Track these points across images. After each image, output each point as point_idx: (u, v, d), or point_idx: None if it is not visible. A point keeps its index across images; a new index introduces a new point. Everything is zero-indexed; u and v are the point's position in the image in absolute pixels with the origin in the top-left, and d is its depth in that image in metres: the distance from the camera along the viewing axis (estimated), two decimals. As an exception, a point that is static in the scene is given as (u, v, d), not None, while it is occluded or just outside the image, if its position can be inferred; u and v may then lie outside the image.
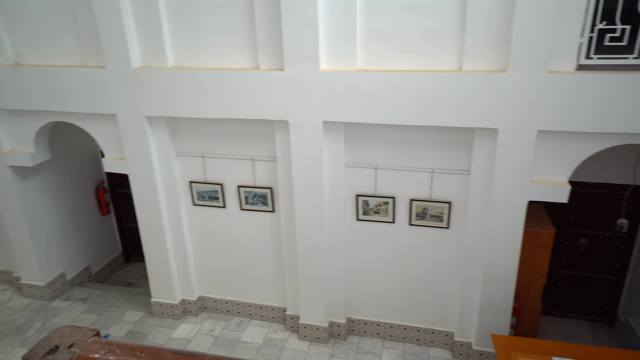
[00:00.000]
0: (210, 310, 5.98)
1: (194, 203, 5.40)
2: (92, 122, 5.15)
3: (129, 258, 7.71)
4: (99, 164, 6.94)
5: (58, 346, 0.71)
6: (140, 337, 5.60)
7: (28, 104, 5.14)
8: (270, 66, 4.43)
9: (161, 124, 4.98)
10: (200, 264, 5.76)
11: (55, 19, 4.85)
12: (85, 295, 6.46)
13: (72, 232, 6.64)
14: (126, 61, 4.62)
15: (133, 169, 5.18)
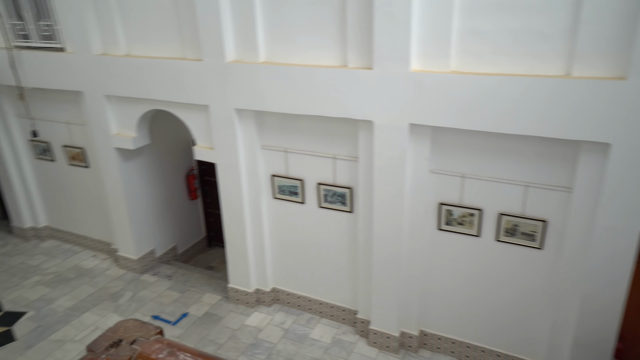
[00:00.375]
0: (282, 302, 6.09)
1: (274, 196, 5.51)
2: (187, 111, 5.46)
3: (211, 243, 8.12)
4: (191, 152, 7.38)
5: (121, 340, 0.69)
6: (215, 319, 5.86)
7: (134, 91, 5.58)
8: (358, 64, 4.35)
9: (249, 117, 5.13)
10: (276, 256, 5.88)
11: (162, 14, 5.20)
12: (170, 273, 6.91)
13: (164, 213, 7.14)
14: (221, 55, 4.81)
15: (220, 159, 5.41)
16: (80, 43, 5.66)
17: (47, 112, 6.73)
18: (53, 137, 6.91)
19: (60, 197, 7.44)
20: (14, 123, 7.10)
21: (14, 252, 7.53)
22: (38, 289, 6.55)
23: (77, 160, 6.87)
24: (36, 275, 6.90)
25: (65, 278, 6.81)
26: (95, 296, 6.38)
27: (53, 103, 6.61)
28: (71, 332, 5.69)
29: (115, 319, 5.89)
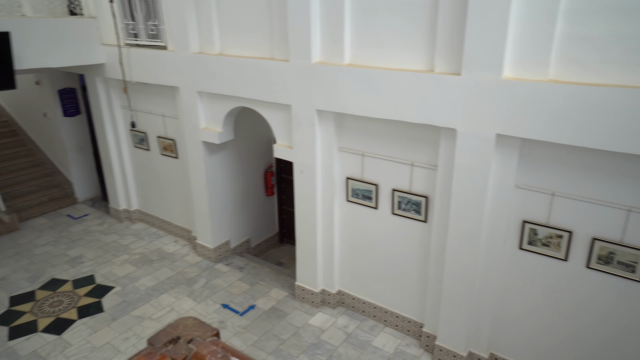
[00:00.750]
0: (347, 306, 6.04)
1: (347, 199, 5.48)
2: (270, 110, 5.61)
3: (282, 239, 8.30)
4: (271, 149, 7.59)
5: (179, 337, 0.68)
6: (280, 315, 5.97)
7: (223, 88, 5.86)
8: (445, 70, 4.17)
9: (329, 119, 5.15)
10: (344, 258, 5.84)
11: (255, 16, 5.40)
12: (242, 265, 7.17)
13: (240, 206, 7.43)
14: (307, 56, 4.88)
15: (298, 158, 5.49)
16: (180, 42, 6.06)
17: (146, 105, 7.30)
18: (149, 128, 7.48)
19: (151, 184, 8.04)
20: (119, 113, 7.80)
21: (108, 231, 8.28)
22: (125, 267, 7.13)
23: (168, 150, 7.38)
24: (125, 254, 7.51)
25: (149, 259, 7.34)
26: (173, 279, 6.80)
27: (152, 97, 7.16)
28: (150, 310, 6.11)
29: (189, 303, 6.24)
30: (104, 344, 5.50)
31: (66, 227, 8.43)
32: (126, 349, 5.40)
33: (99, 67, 7.31)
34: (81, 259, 7.34)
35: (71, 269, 7.07)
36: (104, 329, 5.76)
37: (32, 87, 8.96)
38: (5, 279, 6.80)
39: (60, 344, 5.49)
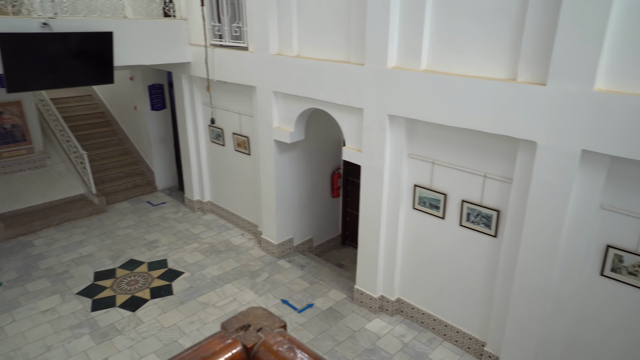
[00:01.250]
0: (405, 315, 5.93)
1: (413, 207, 5.38)
2: (342, 113, 5.66)
3: (345, 241, 8.33)
4: (339, 151, 7.65)
5: (250, 325, 0.72)
6: (338, 316, 6.00)
7: (298, 90, 6.01)
8: (529, 79, 3.95)
9: (400, 124, 5.09)
10: (406, 267, 5.74)
11: (334, 19, 5.48)
12: (304, 263, 7.29)
13: (306, 206, 7.56)
14: (383, 60, 4.86)
15: (366, 162, 5.49)
16: (260, 43, 6.31)
17: (225, 102, 7.67)
18: (226, 125, 7.86)
19: (224, 178, 8.44)
20: (199, 109, 8.27)
21: (182, 220, 8.80)
22: (195, 255, 7.54)
23: (241, 147, 7.70)
24: (195, 242, 7.95)
25: (217, 250, 7.71)
26: (238, 271, 7.08)
27: (230, 95, 7.52)
28: (214, 298, 6.41)
29: (251, 295, 6.46)
30: (171, 324, 5.85)
31: (145, 213, 9.08)
32: (191, 332, 5.71)
33: (186, 66, 7.81)
34: (156, 244, 7.87)
35: (147, 252, 7.61)
36: (172, 310, 6.13)
37: (126, 83, 9.77)
38: (92, 256, 7.46)
39: (134, 320, 5.93)
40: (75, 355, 5.30)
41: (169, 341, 5.55)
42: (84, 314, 6.01)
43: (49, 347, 5.41)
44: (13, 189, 8.83)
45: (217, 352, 0.69)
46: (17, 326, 5.76)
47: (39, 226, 8.25)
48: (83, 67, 6.47)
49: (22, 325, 5.78)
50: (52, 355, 5.29)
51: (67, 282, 6.72)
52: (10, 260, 7.28)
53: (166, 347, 5.44)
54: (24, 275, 6.87)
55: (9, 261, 7.26)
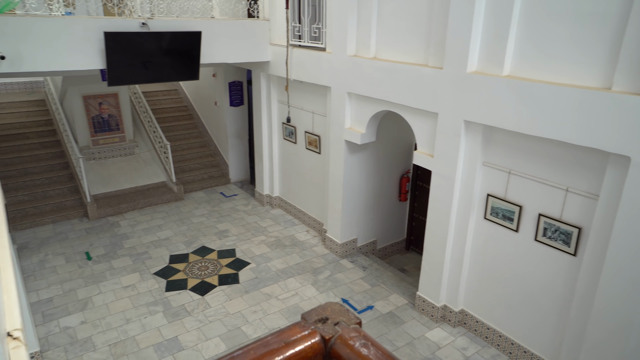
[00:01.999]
0: (469, 327, 5.73)
1: (485, 217, 5.18)
2: (415, 116, 5.59)
3: (409, 246, 8.20)
4: (410, 155, 7.54)
5: (328, 318, 0.77)
6: (397, 321, 5.94)
7: (372, 91, 6.02)
8: (626, 89, 3.65)
9: (476, 131, 4.92)
10: (472, 278, 5.55)
11: (414, 21, 5.42)
12: (366, 265, 7.29)
13: (372, 207, 7.55)
14: (463, 65, 4.73)
15: (437, 167, 5.37)
16: (338, 44, 6.40)
17: (299, 101, 7.87)
18: (299, 123, 8.06)
19: (293, 174, 8.66)
20: (275, 107, 8.55)
21: (251, 212, 9.16)
22: (261, 247, 7.82)
23: (312, 145, 7.85)
24: (262, 235, 8.24)
25: (282, 244, 7.93)
26: (301, 266, 7.24)
27: (305, 94, 7.70)
28: (277, 290, 6.61)
29: (312, 291, 6.58)
30: (236, 312, 6.13)
31: (218, 203, 9.56)
32: (253, 321, 5.94)
33: (265, 65, 8.11)
34: (227, 233, 8.26)
35: (218, 240, 8.02)
36: (237, 298, 6.42)
37: (209, 79, 10.34)
38: (168, 240, 8.01)
39: (202, 303, 6.29)
40: (150, 330, 5.73)
41: (233, 327, 5.82)
42: (159, 293, 6.48)
43: (128, 320, 5.90)
44: (106, 173, 9.71)
45: (298, 339, 0.75)
46: (103, 298, 6.35)
47: (125, 208, 9.00)
48: (173, 64, 6.97)
49: (107, 298, 6.35)
50: (130, 327, 5.77)
51: (146, 262, 7.27)
52: (100, 238, 8.02)
53: (230, 333, 5.72)
54: (110, 252, 7.53)
55: (99, 238, 8.00)
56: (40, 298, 6.30)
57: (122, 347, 5.44)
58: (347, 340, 0.75)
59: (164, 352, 5.36)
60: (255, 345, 0.74)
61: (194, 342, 5.54)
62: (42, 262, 7.19)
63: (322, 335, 0.76)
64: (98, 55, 6.23)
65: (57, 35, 5.87)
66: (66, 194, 9.00)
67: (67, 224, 8.48)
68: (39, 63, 5.85)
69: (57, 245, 7.73)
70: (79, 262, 7.23)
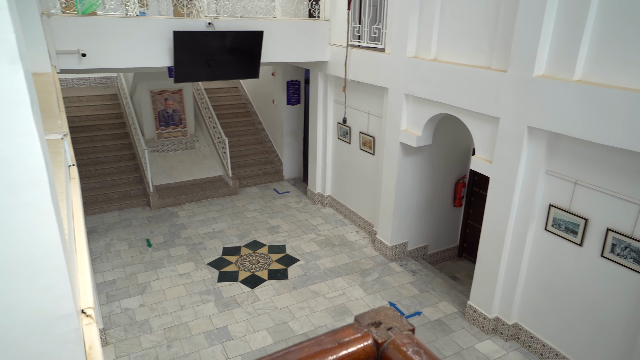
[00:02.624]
0: (522, 342, 5.48)
1: (545, 228, 4.93)
2: (475, 120, 5.41)
3: (462, 253, 7.96)
4: (467, 160, 7.31)
5: (381, 323, 0.78)
6: (446, 330, 5.79)
7: (431, 94, 5.90)
8: None
9: (541, 138, 4.69)
10: (528, 290, 5.30)
11: (478, 23, 5.25)
12: (416, 269, 7.16)
13: (424, 212, 7.40)
14: (529, 68, 4.52)
15: (496, 174, 5.18)
16: (398, 46, 6.33)
17: (355, 102, 7.87)
18: (354, 123, 8.06)
19: (345, 175, 8.67)
20: (331, 107, 8.60)
21: (303, 210, 9.28)
22: (311, 245, 7.90)
23: (366, 146, 7.82)
24: (312, 233, 8.32)
25: (331, 243, 7.97)
26: (349, 266, 7.24)
27: (361, 95, 7.68)
28: (324, 289, 6.66)
29: (359, 292, 6.57)
30: (283, 306, 6.24)
31: (271, 199, 9.77)
32: (300, 317, 6.03)
33: (323, 64, 8.18)
34: (278, 229, 8.43)
35: (269, 235, 8.20)
36: (285, 294, 6.53)
37: (268, 77, 10.59)
38: (222, 232, 8.30)
39: (252, 296, 6.46)
40: (202, 317, 5.98)
41: (280, 322, 5.93)
42: (212, 283, 6.73)
43: (182, 307, 6.18)
44: (168, 165, 10.22)
45: (351, 341, 0.76)
46: (160, 283, 6.70)
47: (184, 200, 9.43)
48: (234, 63, 7.21)
49: (164, 284, 6.69)
50: (184, 314, 6.04)
51: (200, 252, 7.58)
52: (160, 226, 8.46)
53: (277, 327, 5.83)
54: (168, 241, 7.93)
55: (159, 227, 8.44)
56: (105, 279, 6.75)
57: (175, 331, 5.71)
58: (400, 346, 0.75)
59: (213, 340, 5.57)
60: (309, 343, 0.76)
61: (242, 333, 5.71)
62: (108, 246, 7.70)
63: (374, 339, 0.76)
64: (166, 53, 6.57)
65: (131, 34, 6.26)
66: (131, 184, 9.57)
67: (131, 212, 9.01)
68: (114, 60, 6.26)
69: (122, 231, 8.25)
70: (140, 248, 7.66)
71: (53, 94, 3.54)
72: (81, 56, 5.93)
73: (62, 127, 2.82)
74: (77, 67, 6.02)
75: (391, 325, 0.78)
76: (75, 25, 5.86)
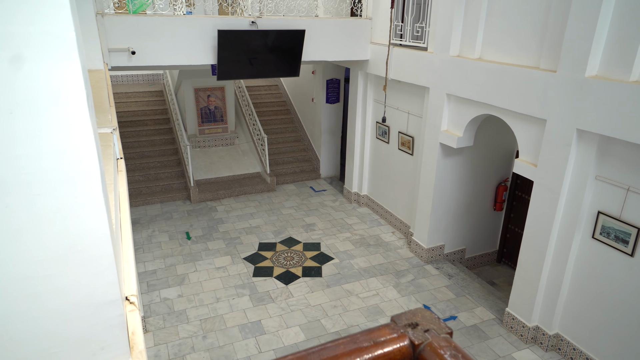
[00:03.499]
0: (563, 354, 5.26)
1: (592, 236, 4.70)
2: (520, 122, 5.23)
3: (501, 259, 7.73)
4: (510, 162, 7.08)
5: (418, 324, 0.77)
6: (482, 336, 5.64)
7: (474, 94, 5.75)
8: None
9: (591, 141, 4.47)
10: (572, 301, 5.07)
11: (527, 21, 5.07)
12: (452, 273, 7.01)
13: (463, 214, 7.23)
14: (581, 68, 4.32)
15: (541, 178, 4.98)
16: (441, 44, 6.21)
17: (395, 101, 7.78)
18: (393, 123, 7.97)
19: (383, 174, 8.60)
20: (370, 106, 8.55)
21: (338, 208, 9.28)
22: (346, 244, 7.89)
23: (405, 146, 7.73)
24: (348, 232, 8.31)
25: (366, 243, 7.93)
26: (384, 267, 7.18)
27: (401, 94, 7.59)
28: (358, 288, 6.64)
29: (393, 293, 6.50)
30: (316, 304, 6.27)
31: (307, 197, 9.83)
32: (333, 315, 6.04)
33: (364, 63, 8.14)
34: (313, 227, 8.47)
35: (304, 233, 8.25)
36: (319, 291, 6.56)
37: (307, 76, 10.65)
38: (259, 228, 8.43)
39: (286, 292, 6.53)
40: (237, 311, 6.10)
41: (313, 319, 5.97)
42: (247, 278, 6.85)
43: (218, 299, 6.33)
44: (208, 161, 10.49)
45: (387, 340, 0.75)
46: (198, 275, 6.89)
47: (222, 195, 9.65)
48: (276, 61, 7.29)
49: (201, 276, 6.88)
50: (220, 306, 6.19)
51: (237, 246, 7.73)
52: (199, 220, 8.69)
53: (310, 324, 5.87)
54: (207, 234, 8.14)
55: (198, 220, 8.68)
56: (146, 269, 7.02)
57: (211, 323, 5.85)
58: (437, 349, 0.74)
59: (247, 334, 5.67)
60: (344, 340, 0.76)
61: (275, 328, 5.78)
62: (149, 237, 7.99)
63: (411, 340, 0.76)
64: (210, 51, 6.73)
65: (178, 33, 6.46)
66: (173, 178, 9.89)
67: (172, 205, 9.31)
68: (161, 57, 6.48)
69: (163, 223, 8.54)
70: (180, 240, 7.91)
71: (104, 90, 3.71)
72: (131, 54, 6.18)
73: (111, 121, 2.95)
74: (126, 64, 6.27)
75: (428, 327, 0.77)
76: (126, 24, 6.11)
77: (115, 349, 1.25)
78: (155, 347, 5.41)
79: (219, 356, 5.31)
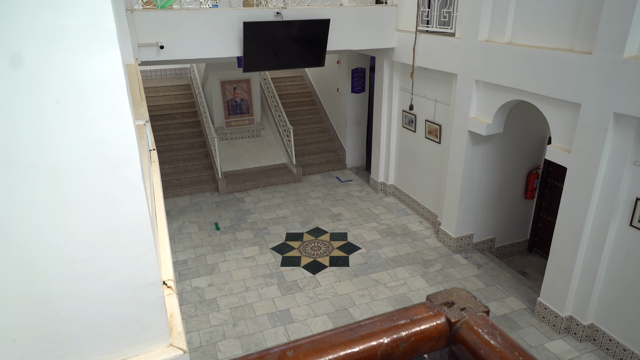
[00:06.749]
0: (598, 344, 5.14)
1: (630, 224, 4.55)
2: (552, 106, 5.08)
3: (532, 248, 7.57)
4: (542, 149, 6.90)
5: (454, 303, 0.77)
6: (512, 326, 5.56)
7: (503, 79, 5.61)
8: None
9: (629, 125, 4.31)
10: (608, 291, 4.93)
11: (559, 1, 4.90)
12: (481, 262, 6.92)
13: (492, 203, 7.10)
14: (619, 49, 4.16)
15: (575, 165, 4.84)
16: (469, 29, 6.07)
17: (422, 89, 7.67)
18: (420, 111, 7.87)
19: (409, 163, 8.52)
20: (396, 94, 8.46)
21: (365, 199, 9.26)
22: (372, 233, 7.88)
23: (432, 135, 7.62)
24: (374, 222, 8.29)
25: (393, 232, 7.90)
26: (411, 257, 7.15)
27: (428, 81, 7.47)
28: (385, 278, 6.63)
29: (421, 283, 6.47)
30: (344, 293, 6.31)
31: (333, 187, 9.85)
32: (360, 304, 6.06)
33: (390, 51, 8.04)
34: (340, 217, 8.49)
35: (331, 223, 8.28)
36: (346, 281, 6.59)
37: (332, 66, 10.60)
38: (286, 218, 8.51)
39: (313, 281, 6.59)
40: (265, 300, 6.20)
41: (340, 308, 6.01)
42: (275, 267, 6.95)
43: (247, 288, 6.45)
44: (235, 152, 10.63)
45: (424, 318, 0.76)
46: (227, 265, 7.02)
47: (249, 186, 9.77)
48: (300, 51, 7.29)
49: (230, 265, 7.01)
50: (248, 295, 6.30)
51: (265, 237, 7.83)
52: (227, 211, 8.84)
53: (337, 313, 5.92)
54: (235, 225, 8.27)
55: (226, 211, 8.83)
56: (177, 259, 7.20)
57: (241, 311, 5.98)
58: (474, 327, 0.74)
59: (276, 322, 5.77)
60: (381, 318, 0.77)
61: (303, 317, 5.86)
62: (180, 228, 8.19)
63: (447, 318, 0.76)
64: (236, 43, 6.79)
65: (204, 26, 6.54)
66: (201, 170, 10.07)
67: (201, 196, 9.50)
68: (188, 51, 6.58)
69: (193, 214, 8.72)
70: (209, 231, 8.07)
71: (136, 84, 3.81)
72: (159, 48, 6.30)
73: (143, 114, 3.03)
74: (155, 58, 6.40)
75: (464, 305, 0.78)
76: (154, 20, 6.23)
77: (156, 330, 1.30)
78: (188, 335, 5.58)
79: (249, 343, 5.42)
